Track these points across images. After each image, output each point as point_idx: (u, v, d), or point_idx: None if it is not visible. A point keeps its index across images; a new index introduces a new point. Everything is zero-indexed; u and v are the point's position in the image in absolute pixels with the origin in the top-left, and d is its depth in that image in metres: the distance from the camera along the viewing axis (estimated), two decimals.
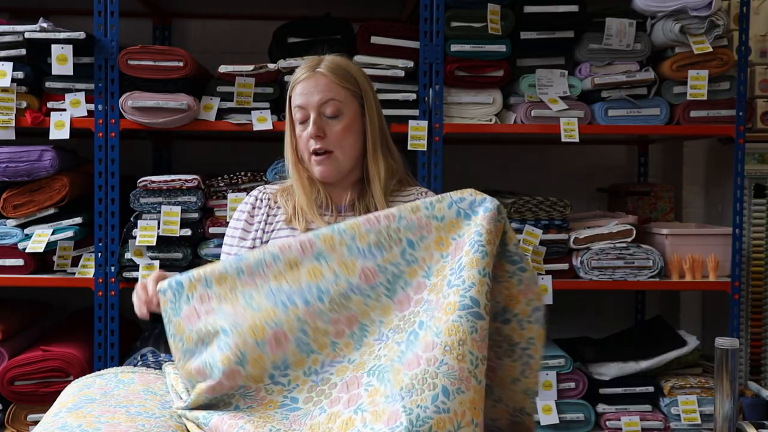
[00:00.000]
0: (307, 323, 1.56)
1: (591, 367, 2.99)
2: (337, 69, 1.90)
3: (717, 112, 2.93)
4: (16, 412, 2.76)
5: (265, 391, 1.58)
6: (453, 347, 1.41)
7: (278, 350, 1.56)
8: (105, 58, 2.80)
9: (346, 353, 1.56)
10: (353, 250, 1.56)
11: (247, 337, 1.56)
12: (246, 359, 1.56)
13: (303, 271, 1.58)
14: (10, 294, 3.11)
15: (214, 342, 1.59)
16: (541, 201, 2.92)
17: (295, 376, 1.57)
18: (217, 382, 1.57)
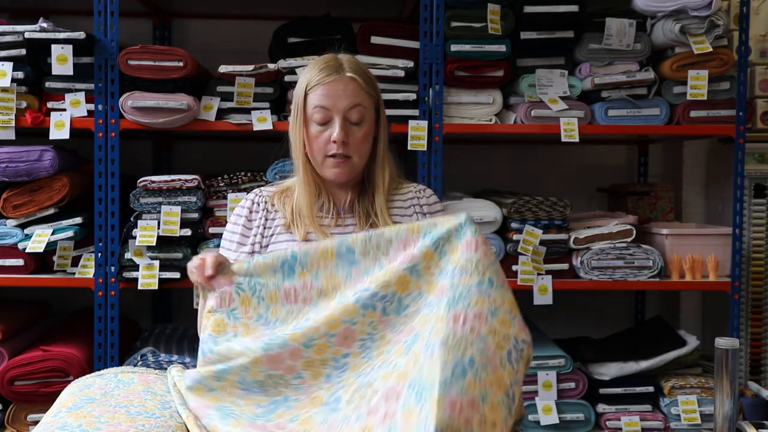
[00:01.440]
0: (377, 330, 1.59)
1: (591, 367, 2.99)
2: (362, 73, 1.88)
3: (717, 112, 2.93)
4: (16, 412, 2.76)
5: (318, 387, 1.59)
6: (492, 426, 1.41)
7: (343, 346, 1.59)
8: (105, 58, 2.80)
9: (395, 359, 1.55)
10: (442, 272, 1.58)
11: (320, 324, 1.60)
12: (312, 344, 1.60)
13: (395, 277, 1.61)
14: (10, 294, 3.11)
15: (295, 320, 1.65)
16: (541, 201, 2.93)
17: (347, 377, 1.59)
18: (276, 353, 1.60)
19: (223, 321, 1.67)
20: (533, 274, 2.86)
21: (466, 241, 1.56)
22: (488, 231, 2.92)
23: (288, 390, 1.60)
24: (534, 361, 2.90)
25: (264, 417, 1.59)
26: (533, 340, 3.18)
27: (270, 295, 1.67)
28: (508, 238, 2.91)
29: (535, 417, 2.87)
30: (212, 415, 1.61)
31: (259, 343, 1.63)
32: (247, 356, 1.62)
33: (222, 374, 1.63)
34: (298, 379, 1.61)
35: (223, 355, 1.65)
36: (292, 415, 1.58)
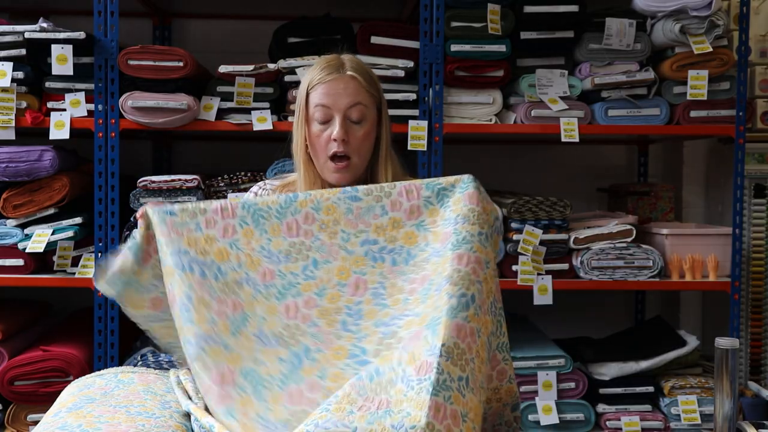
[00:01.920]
0: (388, 279, 1.61)
1: (591, 367, 2.99)
2: (364, 72, 1.88)
3: (717, 112, 2.93)
4: (16, 412, 2.77)
5: (336, 335, 1.58)
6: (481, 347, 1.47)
7: (356, 295, 1.61)
8: (105, 58, 2.80)
9: (414, 307, 1.56)
10: (446, 221, 1.62)
11: (332, 275, 1.62)
12: (324, 293, 1.61)
13: (401, 232, 1.64)
14: (10, 294, 3.11)
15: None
16: (541, 201, 2.93)
17: (365, 325, 1.59)
18: (292, 302, 1.60)
19: (226, 250, 1.64)
20: (533, 274, 2.86)
21: (468, 194, 1.62)
22: None
23: (306, 339, 1.58)
24: (534, 361, 2.90)
25: (294, 377, 1.55)
26: (533, 340, 3.20)
27: (272, 228, 1.66)
28: (508, 238, 2.91)
29: (535, 417, 2.87)
30: (242, 389, 1.53)
31: (272, 289, 1.61)
32: (263, 304, 1.61)
33: (239, 327, 1.58)
34: (314, 327, 1.59)
35: (232, 289, 1.61)
36: (321, 371, 1.55)
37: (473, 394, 1.41)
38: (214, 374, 1.52)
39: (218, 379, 1.51)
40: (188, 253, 1.62)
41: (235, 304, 1.60)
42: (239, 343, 1.56)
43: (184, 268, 1.60)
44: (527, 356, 2.90)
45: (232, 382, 1.52)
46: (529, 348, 2.96)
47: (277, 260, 1.64)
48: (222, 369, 1.53)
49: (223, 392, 1.50)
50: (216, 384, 1.51)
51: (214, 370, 1.52)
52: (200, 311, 1.56)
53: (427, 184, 1.65)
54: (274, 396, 1.51)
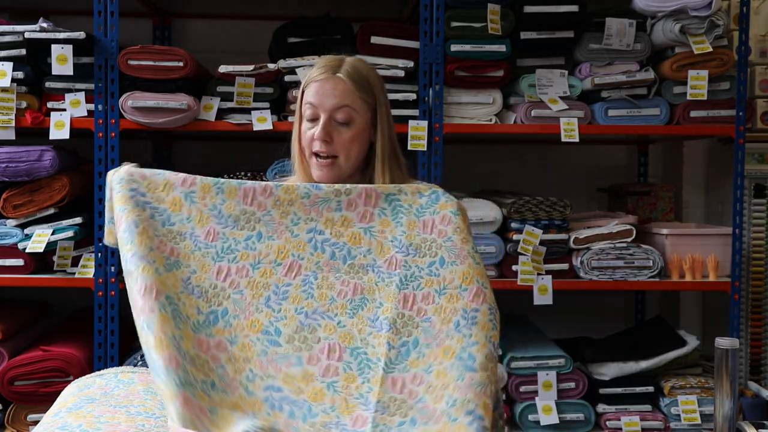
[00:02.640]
0: (322, 270, 1.64)
1: (591, 367, 2.99)
2: (356, 77, 1.86)
3: (717, 112, 2.93)
4: (16, 412, 2.76)
5: (256, 308, 1.61)
6: (435, 389, 1.49)
7: (287, 276, 1.64)
8: (105, 58, 2.80)
9: (339, 314, 1.62)
10: (396, 241, 1.67)
11: (270, 251, 1.65)
12: (258, 266, 1.64)
13: (349, 231, 1.68)
14: (10, 294, 3.11)
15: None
16: (541, 201, 2.92)
17: (287, 307, 1.62)
18: (225, 266, 1.62)
19: (180, 200, 1.68)
20: (533, 274, 2.86)
21: (423, 221, 1.68)
22: (488, 231, 2.92)
23: (228, 303, 1.61)
24: (534, 361, 2.90)
25: (205, 329, 1.57)
26: (533, 340, 3.19)
27: (230, 190, 1.69)
28: (508, 238, 2.91)
29: (535, 417, 2.87)
30: (163, 308, 1.54)
31: (211, 249, 1.65)
32: (198, 260, 1.63)
33: (172, 268, 1.61)
34: (238, 294, 1.62)
35: (174, 238, 1.65)
36: (231, 336, 1.58)
37: (425, 427, 1.45)
38: (141, 285, 1.54)
39: (142, 290, 1.53)
40: (145, 195, 1.67)
41: (172, 250, 1.63)
42: (169, 277, 1.60)
43: (137, 203, 1.66)
44: (527, 356, 2.90)
45: (154, 299, 1.53)
46: (529, 348, 2.96)
47: (224, 223, 1.68)
48: (150, 283, 1.55)
49: (145, 305, 1.51)
50: (140, 295, 1.52)
51: (141, 283, 1.54)
52: (142, 237, 1.61)
53: (387, 195, 1.71)
54: (187, 333, 1.54)
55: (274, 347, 1.57)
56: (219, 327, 1.58)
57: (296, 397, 1.52)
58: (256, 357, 1.55)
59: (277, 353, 1.57)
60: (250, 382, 1.52)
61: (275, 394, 1.52)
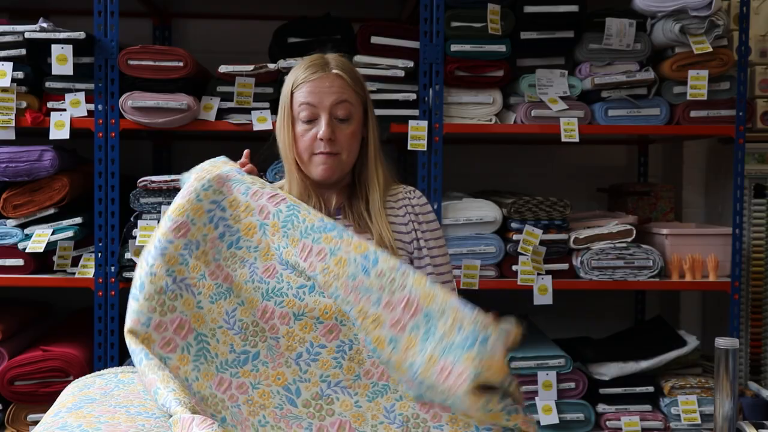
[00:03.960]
0: (358, 344, 1.61)
1: (591, 367, 2.99)
2: (349, 71, 1.86)
3: (717, 112, 2.93)
4: (16, 412, 2.76)
5: (286, 361, 1.61)
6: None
7: (324, 338, 1.62)
8: (105, 58, 2.80)
9: (359, 393, 1.61)
10: (413, 367, 1.59)
11: (316, 306, 1.61)
12: (302, 318, 1.61)
13: (376, 333, 1.60)
14: (10, 294, 3.11)
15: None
16: (541, 201, 2.93)
17: (314, 371, 1.61)
18: (271, 307, 1.61)
19: (256, 229, 1.66)
20: (533, 274, 2.86)
21: (443, 364, 1.54)
22: (488, 231, 2.92)
23: (262, 347, 1.61)
24: (534, 361, 2.90)
25: (231, 368, 1.59)
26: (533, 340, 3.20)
27: (292, 240, 1.65)
28: (508, 238, 2.91)
29: (535, 417, 2.87)
30: (187, 349, 1.55)
31: (264, 285, 1.63)
32: (248, 293, 1.62)
33: (218, 298, 1.61)
34: (274, 341, 1.61)
35: (235, 264, 1.63)
36: (255, 381, 1.59)
37: None
38: (175, 317, 1.56)
39: (175, 324, 1.55)
40: (225, 211, 1.66)
41: (227, 277, 1.62)
42: (210, 310, 1.60)
43: (212, 220, 1.64)
44: (527, 356, 2.90)
45: (182, 336, 1.56)
46: (529, 348, 2.96)
47: (285, 266, 1.65)
48: (183, 320, 1.56)
49: (171, 341, 1.54)
50: (171, 326, 1.54)
51: (177, 315, 1.56)
52: (198, 262, 1.60)
53: (427, 313, 1.56)
54: (208, 372, 1.55)
55: (290, 406, 1.59)
56: (246, 369, 1.59)
57: None
58: (272, 408, 1.57)
59: (291, 412, 1.59)
60: (262, 426, 1.56)
61: None
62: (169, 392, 1.44)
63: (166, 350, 1.55)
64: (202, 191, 1.66)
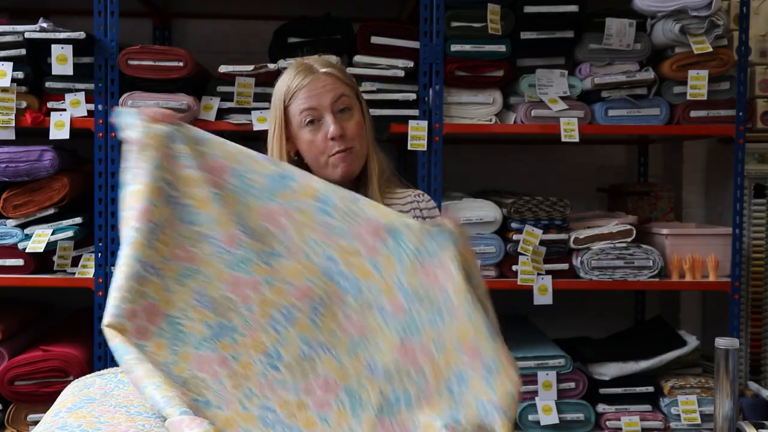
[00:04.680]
0: (331, 300, 1.62)
1: (591, 367, 2.99)
2: (335, 66, 1.87)
3: (717, 112, 2.93)
4: (16, 412, 2.76)
5: (262, 328, 1.59)
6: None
7: (298, 300, 1.62)
8: (105, 58, 2.80)
9: (340, 351, 1.60)
10: (399, 283, 1.63)
11: (284, 270, 1.62)
12: (273, 284, 1.61)
13: (359, 262, 1.64)
14: (10, 294, 3.11)
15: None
16: (541, 201, 2.92)
17: (292, 333, 1.60)
18: (240, 277, 1.60)
19: (209, 200, 1.63)
20: (533, 274, 2.86)
21: (425, 267, 1.63)
22: (488, 231, 2.92)
23: (236, 319, 1.59)
24: (534, 361, 2.90)
25: (210, 343, 1.56)
26: (533, 340, 3.19)
27: (251, 207, 1.66)
28: (508, 238, 2.91)
29: (535, 417, 2.87)
30: (161, 334, 1.53)
31: (229, 256, 1.61)
32: (215, 267, 1.60)
33: (185, 279, 1.58)
34: (248, 311, 1.60)
35: (196, 240, 1.61)
36: (235, 352, 1.57)
37: None
38: (147, 304, 1.53)
39: (147, 310, 1.52)
40: (177, 190, 1.62)
41: (192, 256, 1.60)
42: (178, 292, 1.57)
43: (167, 200, 1.61)
44: (527, 356, 2.90)
45: (155, 323, 1.53)
46: (529, 348, 2.96)
47: (245, 233, 1.64)
48: (154, 305, 1.53)
49: (145, 328, 1.51)
50: (143, 314, 1.52)
51: (148, 301, 1.53)
52: (160, 245, 1.57)
53: (392, 230, 1.64)
54: (186, 353, 1.53)
55: (274, 371, 1.57)
56: (225, 342, 1.57)
57: (289, 421, 1.53)
58: (256, 378, 1.56)
59: (275, 378, 1.57)
60: (248, 399, 1.53)
61: (270, 415, 1.53)
62: (154, 389, 1.42)
63: (141, 339, 1.50)
64: (154, 170, 1.61)
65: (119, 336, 1.49)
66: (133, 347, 1.48)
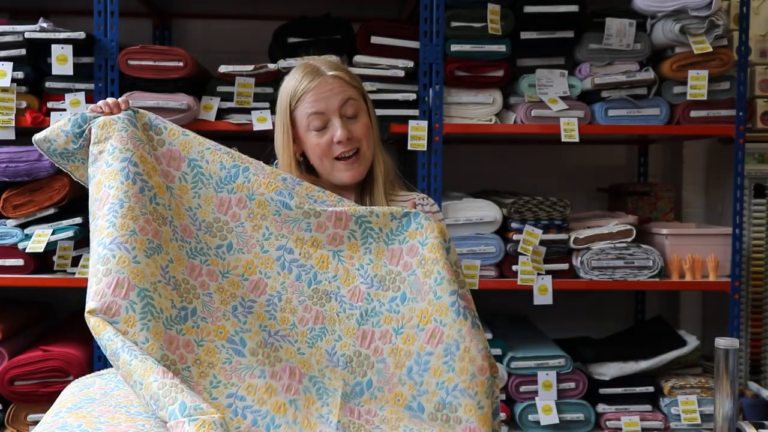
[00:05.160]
0: (287, 292, 1.64)
1: (591, 367, 2.99)
2: (342, 69, 1.87)
3: (717, 112, 2.93)
4: (16, 412, 2.76)
5: (223, 314, 1.60)
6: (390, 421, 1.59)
7: (253, 293, 1.64)
8: (105, 58, 2.80)
9: (299, 341, 1.63)
10: (362, 270, 1.66)
11: (239, 264, 1.65)
12: (228, 276, 1.63)
13: (318, 253, 1.66)
14: (10, 294, 3.11)
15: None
16: (541, 201, 2.92)
17: (252, 321, 1.62)
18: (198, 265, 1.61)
19: (164, 188, 1.65)
20: (533, 274, 2.86)
21: (392, 250, 1.66)
22: (488, 231, 2.92)
23: (197, 302, 1.60)
24: (534, 361, 2.90)
25: (177, 325, 1.56)
26: (533, 340, 3.19)
27: (206, 198, 1.68)
28: (508, 238, 2.91)
29: (535, 417, 2.87)
30: (133, 305, 1.51)
31: (186, 244, 1.63)
32: (175, 251, 1.61)
33: (152, 253, 1.57)
34: (208, 297, 1.61)
35: (159, 219, 1.60)
36: (199, 337, 1.57)
37: None
38: (112, 279, 1.51)
39: (113, 285, 1.50)
40: (137, 166, 1.62)
41: (156, 232, 1.59)
42: (148, 264, 1.55)
43: (128, 176, 1.60)
44: (527, 356, 2.90)
45: (124, 295, 1.51)
46: (529, 348, 2.96)
47: (198, 227, 1.66)
48: (122, 277, 1.51)
49: (112, 303, 1.50)
50: (109, 290, 1.50)
51: (113, 276, 1.51)
52: (125, 220, 1.56)
53: (357, 217, 1.67)
54: (157, 330, 1.51)
55: (239, 357, 1.58)
56: (188, 326, 1.57)
57: (259, 407, 1.54)
58: (221, 365, 1.56)
59: (240, 363, 1.57)
60: (214, 388, 1.54)
61: (239, 402, 1.53)
62: (140, 390, 1.43)
63: (110, 315, 1.49)
64: (108, 157, 1.62)
65: (95, 323, 1.49)
66: (109, 330, 1.47)
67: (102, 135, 1.65)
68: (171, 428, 1.36)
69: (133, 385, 1.45)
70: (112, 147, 1.64)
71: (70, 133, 1.68)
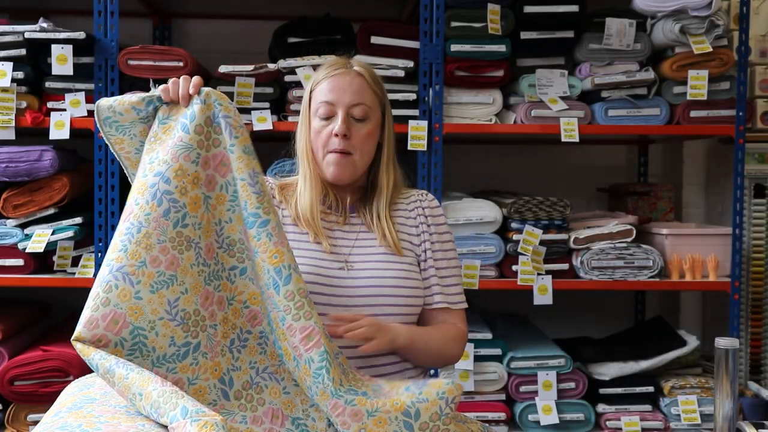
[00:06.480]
0: (273, 335, 1.60)
1: (591, 367, 2.99)
2: (370, 72, 1.87)
3: (717, 112, 2.93)
4: (16, 412, 2.76)
5: (221, 350, 1.58)
6: None
7: (249, 323, 1.62)
8: (105, 58, 2.80)
9: (285, 378, 1.61)
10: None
11: (242, 289, 1.62)
12: (233, 302, 1.61)
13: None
14: (10, 294, 3.11)
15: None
16: (541, 201, 2.92)
17: (244, 358, 1.60)
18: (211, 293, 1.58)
19: (200, 202, 1.58)
20: (533, 274, 2.86)
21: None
22: (488, 231, 2.92)
23: (203, 336, 1.56)
24: (534, 361, 2.90)
25: (170, 363, 1.54)
26: (533, 340, 3.19)
27: (237, 217, 1.62)
28: (508, 238, 2.91)
29: (535, 417, 2.87)
30: (123, 342, 1.49)
31: (206, 268, 1.57)
32: (194, 278, 1.55)
33: (161, 287, 1.52)
34: (213, 329, 1.58)
35: (180, 246, 1.54)
36: (194, 376, 1.55)
37: None
38: (109, 312, 1.49)
39: (108, 319, 1.48)
40: (169, 183, 1.55)
41: (173, 262, 1.54)
42: (151, 301, 1.51)
43: (155, 196, 1.55)
44: (527, 356, 2.90)
45: (117, 332, 1.49)
46: (529, 348, 2.96)
47: (220, 244, 1.61)
48: (119, 312, 1.49)
49: (103, 336, 1.48)
50: (103, 323, 1.48)
51: (111, 309, 1.49)
52: (139, 248, 1.51)
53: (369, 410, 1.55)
54: (142, 372, 1.46)
55: (224, 400, 1.56)
56: (185, 363, 1.55)
57: None
58: (207, 406, 1.51)
59: (224, 408, 1.56)
60: None
61: None
62: (141, 401, 1.43)
63: (98, 346, 1.48)
64: (150, 163, 1.58)
65: (84, 347, 1.48)
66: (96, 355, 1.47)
67: (158, 133, 1.62)
68: (173, 430, 1.36)
69: (132, 399, 1.45)
70: (157, 154, 1.59)
71: (142, 112, 1.65)
